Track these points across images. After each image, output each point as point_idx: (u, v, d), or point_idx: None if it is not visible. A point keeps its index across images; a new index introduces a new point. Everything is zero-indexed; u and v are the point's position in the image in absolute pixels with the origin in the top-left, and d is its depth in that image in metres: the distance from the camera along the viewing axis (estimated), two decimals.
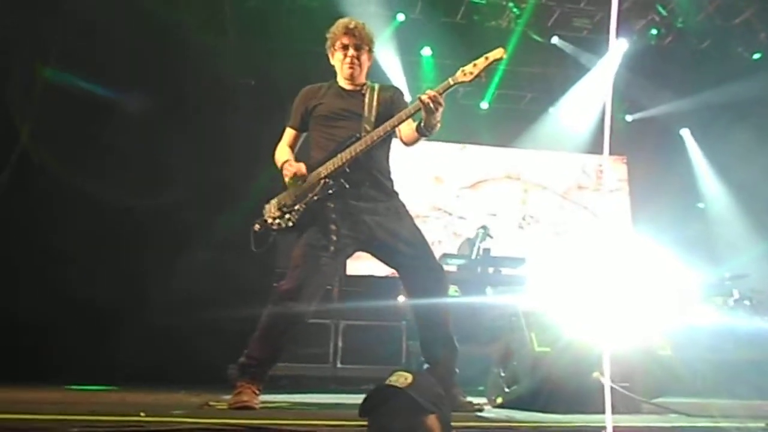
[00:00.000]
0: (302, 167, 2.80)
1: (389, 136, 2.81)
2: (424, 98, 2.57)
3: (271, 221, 2.78)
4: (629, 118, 8.64)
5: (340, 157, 2.73)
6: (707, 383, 4.29)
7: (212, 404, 2.59)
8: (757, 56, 7.46)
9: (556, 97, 8.27)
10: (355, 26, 2.90)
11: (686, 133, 8.63)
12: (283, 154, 2.94)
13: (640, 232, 7.75)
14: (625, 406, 2.63)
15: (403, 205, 2.88)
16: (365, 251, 2.84)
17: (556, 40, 7.37)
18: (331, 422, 1.90)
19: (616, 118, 8.44)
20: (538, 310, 3.10)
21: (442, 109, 2.61)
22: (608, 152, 1.82)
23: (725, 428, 2.20)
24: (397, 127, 2.73)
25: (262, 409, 2.52)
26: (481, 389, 3.43)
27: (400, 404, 1.40)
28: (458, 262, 6.03)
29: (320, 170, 2.76)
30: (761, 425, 2.21)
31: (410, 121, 2.74)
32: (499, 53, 2.57)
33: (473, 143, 8.44)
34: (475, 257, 5.87)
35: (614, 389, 2.51)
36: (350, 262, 6.33)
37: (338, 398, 3.81)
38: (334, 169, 2.73)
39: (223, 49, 6.39)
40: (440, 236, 7.94)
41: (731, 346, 4.98)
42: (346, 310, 5.21)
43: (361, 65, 2.92)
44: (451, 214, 8.18)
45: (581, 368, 2.71)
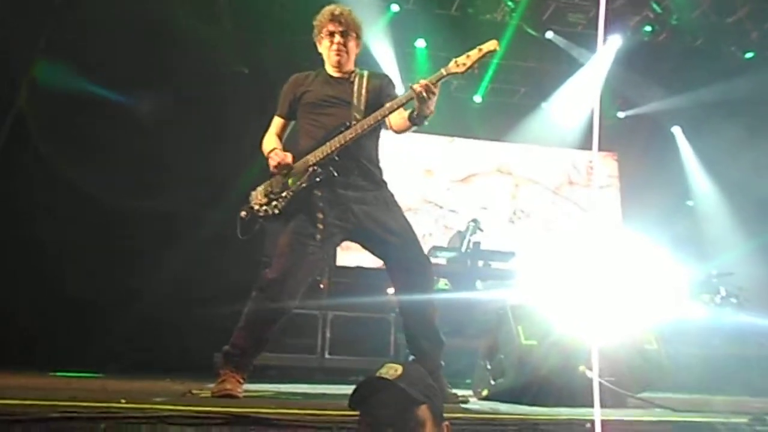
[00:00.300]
0: (288, 157, 2.75)
1: (379, 124, 2.78)
2: (416, 87, 2.52)
3: (257, 208, 2.74)
4: (621, 114, 8.68)
5: (329, 144, 2.69)
6: (693, 378, 4.32)
7: (195, 392, 2.57)
8: (749, 55, 7.50)
9: (549, 92, 8.28)
10: (340, 12, 2.85)
11: (677, 130, 8.67)
12: (270, 142, 2.90)
13: (629, 228, 7.78)
14: (611, 399, 2.64)
15: (391, 195, 2.84)
16: (352, 240, 2.81)
17: (550, 34, 7.35)
18: (313, 411, 1.89)
19: (608, 114, 8.47)
20: (526, 303, 3.10)
21: (436, 98, 2.56)
22: (598, 148, 1.79)
23: (710, 423, 2.21)
24: (388, 116, 2.68)
25: (245, 397, 2.51)
26: (468, 382, 3.42)
27: (390, 395, 1.40)
28: (448, 254, 6.04)
29: (308, 158, 2.72)
30: (744, 420, 2.22)
31: (401, 110, 2.69)
32: (492, 45, 2.53)
33: (465, 136, 8.44)
34: (465, 250, 5.88)
35: (601, 383, 2.52)
36: (340, 253, 6.34)
37: (324, 389, 3.79)
38: (322, 156, 2.69)
39: (216, 38, 6.33)
40: (431, 229, 7.95)
41: (718, 342, 5.05)
42: (334, 301, 5.19)
43: (348, 52, 2.87)
44: (442, 207, 8.19)
45: (568, 362, 2.71)
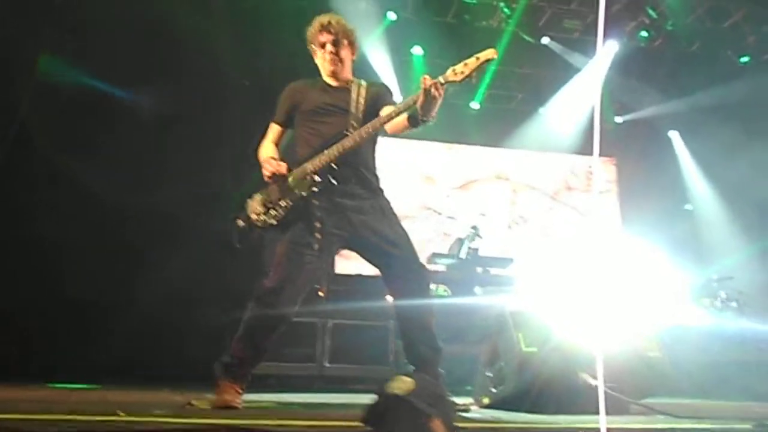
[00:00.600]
0: (282, 166, 2.72)
1: (377, 132, 2.77)
2: (427, 81, 2.45)
3: (255, 218, 2.72)
4: (618, 119, 8.67)
5: (327, 153, 2.67)
6: (695, 384, 4.31)
7: (194, 403, 2.55)
8: (745, 59, 7.52)
9: (546, 97, 8.28)
10: (329, 22, 2.83)
11: (675, 135, 8.67)
12: (266, 150, 2.87)
13: (628, 233, 7.78)
14: (613, 406, 2.62)
15: (388, 203, 2.82)
16: (349, 249, 2.79)
17: (546, 40, 7.37)
18: (315, 423, 1.88)
19: (605, 119, 8.47)
20: (526, 310, 3.09)
21: (440, 101, 2.51)
22: (598, 153, 1.79)
23: (712, 429, 2.19)
24: (386, 123, 2.66)
25: (245, 408, 2.49)
26: (469, 389, 3.41)
27: (404, 412, 1.43)
28: (447, 261, 6.04)
29: (306, 166, 2.69)
30: (748, 426, 2.20)
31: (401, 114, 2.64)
32: (490, 54, 2.49)
33: (463, 143, 8.44)
34: (464, 257, 5.88)
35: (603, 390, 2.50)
36: (339, 260, 6.32)
37: (324, 398, 3.77)
38: (320, 165, 2.66)
39: (217, 49, 6.34)
40: (430, 236, 7.93)
41: (718, 347, 5.02)
42: (333, 309, 5.17)
43: (342, 60, 2.85)
44: (440, 213, 8.17)
45: (569, 369, 2.70)
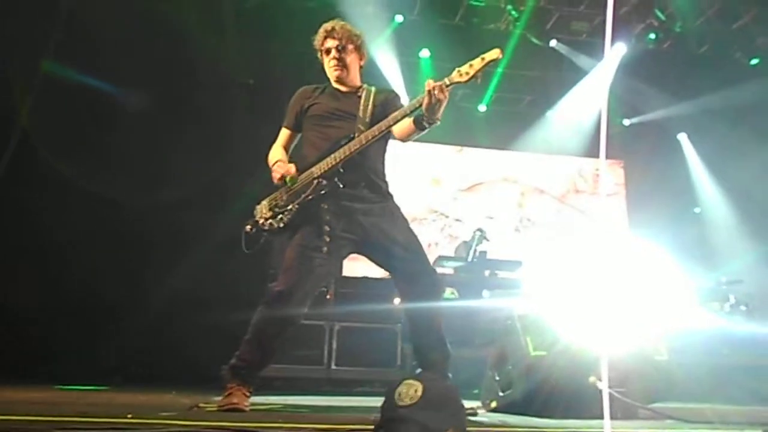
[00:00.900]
0: (292, 168, 2.75)
1: (385, 137, 2.77)
2: (430, 83, 2.48)
3: (262, 222, 2.73)
4: (627, 122, 8.64)
5: (333, 156, 2.67)
6: (703, 388, 4.27)
7: (202, 406, 2.56)
8: (754, 61, 7.47)
9: (553, 100, 8.26)
10: (332, 28, 2.86)
11: (683, 137, 8.63)
12: (276, 154, 2.90)
13: (636, 236, 7.73)
14: (621, 411, 2.61)
15: (397, 207, 2.82)
16: (360, 253, 2.79)
17: (554, 43, 7.35)
18: (322, 425, 1.87)
19: (613, 122, 8.45)
20: (533, 313, 3.07)
21: (445, 103, 2.53)
22: (605, 156, 1.78)
23: None
24: (392, 126, 2.66)
25: (252, 411, 2.49)
26: (476, 393, 3.40)
27: (412, 428, 1.37)
28: (454, 264, 6.03)
29: (313, 170, 2.70)
30: (757, 431, 2.18)
31: (407, 117, 2.65)
32: (495, 54, 2.50)
33: (471, 146, 8.43)
34: (471, 260, 5.86)
35: (611, 394, 2.49)
36: (346, 263, 6.30)
37: (331, 400, 3.77)
38: (327, 168, 2.67)
39: (222, 48, 6.36)
40: (437, 238, 7.92)
41: (728, 351, 4.98)
42: (340, 311, 5.17)
43: (347, 66, 2.87)
44: (447, 216, 8.17)
45: (577, 373, 2.68)
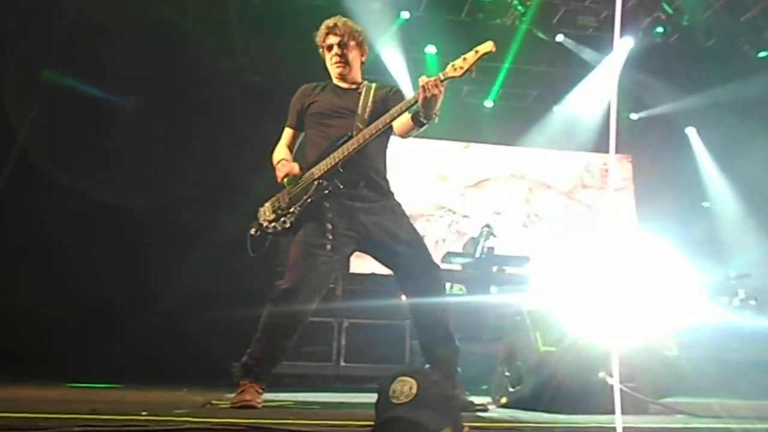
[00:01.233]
0: (295, 167, 2.77)
1: (385, 135, 2.77)
2: (423, 79, 2.49)
3: (266, 224, 2.75)
4: (634, 116, 8.60)
5: (332, 156, 2.69)
6: (713, 383, 4.27)
7: (214, 403, 2.58)
8: (763, 54, 7.42)
9: (560, 95, 8.23)
10: (334, 24, 2.86)
11: (692, 131, 8.58)
12: (279, 153, 2.91)
13: (645, 230, 7.71)
14: (631, 406, 2.61)
15: (399, 205, 2.83)
16: (362, 251, 2.80)
17: (561, 38, 7.32)
18: (333, 422, 1.89)
19: (621, 116, 8.40)
20: (542, 309, 3.08)
21: (441, 98, 2.53)
22: (614, 151, 1.78)
23: (732, 429, 2.17)
24: (389, 124, 2.67)
25: (264, 408, 2.51)
26: (485, 388, 3.41)
27: (405, 428, 1.35)
28: (462, 260, 6.03)
29: (314, 170, 2.72)
30: (767, 426, 2.18)
31: (405, 114, 2.65)
32: (488, 47, 2.49)
33: (478, 142, 8.42)
34: (479, 256, 5.86)
35: (621, 389, 2.49)
36: (353, 260, 6.33)
37: (341, 397, 3.79)
38: (327, 169, 2.69)
39: (228, 46, 6.37)
40: (444, 235, 7.93)
41: (737, 345, 4.96)
42: (349, 308, 5.19)
43: (349, 62, 2.87)
44: (455, 212, 8.16)
45: (586, 368, 2.69)
